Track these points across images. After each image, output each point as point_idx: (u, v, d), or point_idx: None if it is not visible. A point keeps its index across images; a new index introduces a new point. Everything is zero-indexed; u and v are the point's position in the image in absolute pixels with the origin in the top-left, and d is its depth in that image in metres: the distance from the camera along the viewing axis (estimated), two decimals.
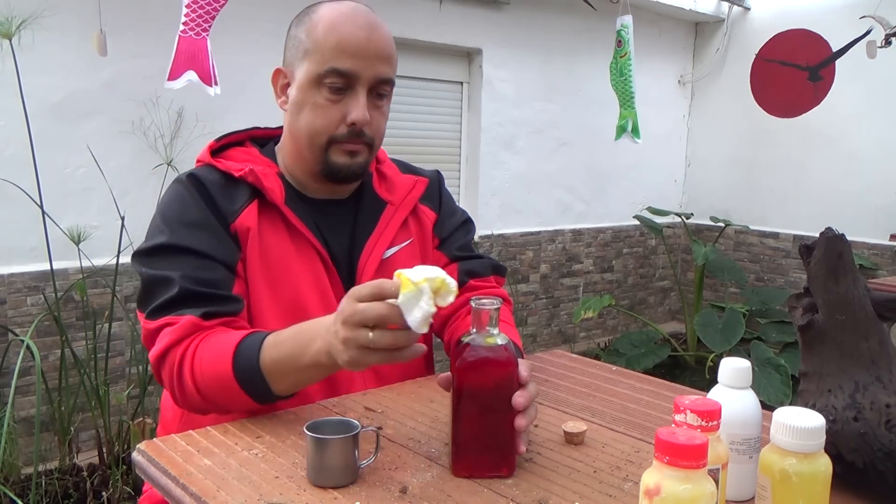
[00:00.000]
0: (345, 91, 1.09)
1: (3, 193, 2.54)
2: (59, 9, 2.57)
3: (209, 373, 0.97)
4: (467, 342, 0.83)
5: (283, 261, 1.11)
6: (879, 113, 4.20)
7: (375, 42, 1.10)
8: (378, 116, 1.14)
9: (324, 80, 1.09)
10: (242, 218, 1.09)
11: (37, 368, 2.27)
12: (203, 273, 1.03)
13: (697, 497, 0.57)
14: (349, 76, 1.08)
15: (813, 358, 0.83)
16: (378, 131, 1.15)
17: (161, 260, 1.04)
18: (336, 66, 1.07)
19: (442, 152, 4.01)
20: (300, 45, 1.12)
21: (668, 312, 5.37)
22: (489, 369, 0.82)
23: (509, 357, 0.83)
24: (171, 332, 1.00)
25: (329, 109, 1.10)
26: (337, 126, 1.10)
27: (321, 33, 1.09)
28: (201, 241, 1.05)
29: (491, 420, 0.83)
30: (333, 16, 1.10)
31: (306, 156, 1.14)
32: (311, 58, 1.10)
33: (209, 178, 1.11)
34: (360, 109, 1.09)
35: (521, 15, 4.08)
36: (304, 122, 1.12)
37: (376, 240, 1.19)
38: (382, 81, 1.12)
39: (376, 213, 1.21)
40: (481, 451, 0.83)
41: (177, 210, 1.08)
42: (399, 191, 1.25)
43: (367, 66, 1.09)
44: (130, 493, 2.43)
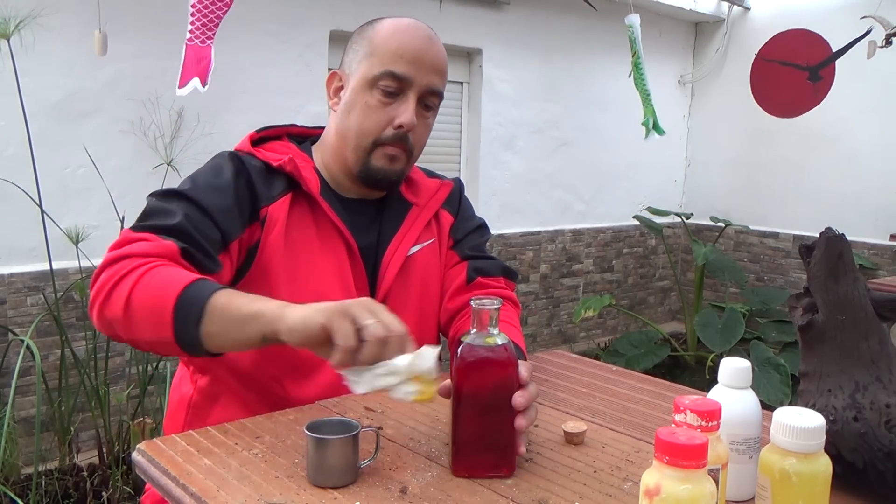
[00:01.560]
0: (397, 96, 1.13)
1: (3, 193, 2.54)
2: (59, 9, 2.57)
3: (154, 288, 0.91)
4: (467, 342, 0.83)
5: (307, 252, 1.13)
6: (879, 113, 4.20)
7: (433, 54, 1.16)
8: (423, 126, 1.18)
9: (378, 83, 1.12)
10: (277, 206, 1.11)
11: (37, 368, 2.27)
12: (201, 226, 1.04)
13: (697, 497, 0.57)
14: (403, 81, 1.12)
15: (813, 358, 0.83)
16: (420, 141, 1.18)
17: (172, 201, 1.06)
18: (392, 70, 1.12)
19: (442, 152, 4.01)
20: (360, 49, 1.16)
21: (668, 312, 5.37)
22: (489, 369, 0.82)
23: (509, 357, 0.83)
24: (146, 246, 0.97)
25: (379, 111, 1.13)
26: (384, 128, 1.13)
27: (382, 38, 1.14)
28: (214, 203, 1.06)
29: (491, 420, 0.83)
30: (397, 25, 1.16)
31: (348, 156, 1.16)
32: (369, 60, 1.14)
33: (250, 163, 1.14)
34: (409, 113, 1.13)
35: (521, 15, 4.08)
36: (354, 121, 1.15)
37: (402, 237, 1.22)
38: (433, 93, 1.16)
39: (402, 214, 1.25)
40: (481, 451, 0.83)
41: (209, 174, 1.11)
42: (424, 193, 1.29)
43: (422, 75, 1.13)
44: (130, 493, 2.43)
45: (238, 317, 0.88)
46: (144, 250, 0.97)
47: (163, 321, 0.89)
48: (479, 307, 0.83)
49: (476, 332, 0.83)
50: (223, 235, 1.06)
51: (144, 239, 0.99)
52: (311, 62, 3.29)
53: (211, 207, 1.05)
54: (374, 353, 0.80)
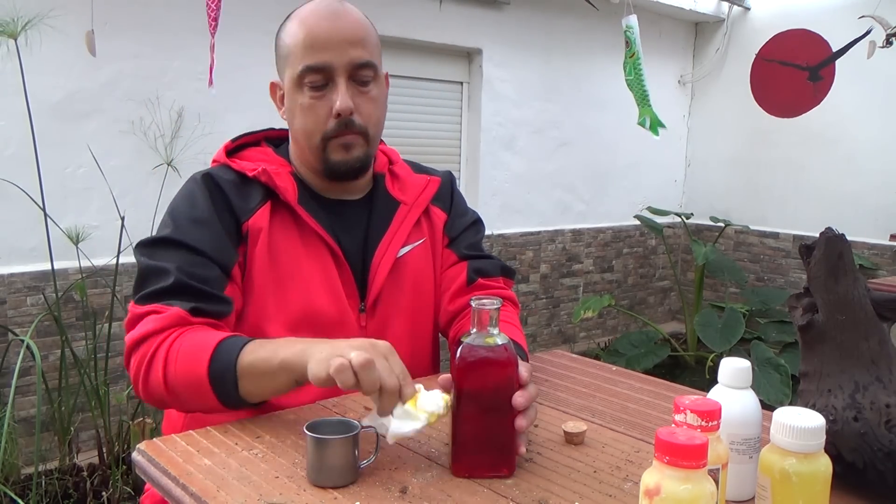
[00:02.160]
0: (325, 86, 1.10)
1: (4, 193, 2.54)
2: (59, 9, 2.57)
3: (183, 363, 0.97)
4: (467, 342, 0.83)
5: (292, 261, 1.12)
6: (879, 113, 4.20)
7: (342, 28, 1.09)
8: (366, 102, 1.12)
9: (303, 81, 1.10)
10: (256, 217, 1.10)
11: (37, 368, 2.27)
12: (197, 269, 1.04)
13: (697, 497, 0.57)
14: (323, 69, 1.09)
15: (813, 358, 0.83)
16: (370, 118, 1.13)
17: (161, 252, 1.05)
18: (308, 64, 1.08)
19: (442, 152, 4.01)
20: (280, 54, 1.15)
21: (668, 312, 5.37)
22: (489, 369, 0.82)
23: (509, 357, 0.83)
24: (156, 320, 1.00)
25: (315, 108, 1.11)
26: (326, 122, 1.11)
27: (291, 36, 1.11)
28: (202, 238, 1.06)
29: (491, 420, 0.83)
30: (300, 15, 1.12)
31: (310, 158, 1.15)
32: (288, 62, 1.12)
33: (224, 178, 1.12)
34: (342, 98, 1.09)
35: (521, 15, 4.08)
36: (298, 126, 1.13)
37: (390, 239, 1.20)
38: (360, 66, 1.10)
39: (390, 213, 1.22)
40: (481, 451, 0.83)
41: (185, 206, 1.10)
42: (412, 191, 1.26)
43: (339, 55, 1.08)
44: (130, 493, 2.43)
45: (268, 371, 0.94)
46: (157, 327, 1.00)
47: (205, 393, 0.96)
48: (479, 307, 0.83)
49: (476, 333, 0.83)
50: (221, 267, 1.06)
51: (153, 311, 1.01)
52: None
53: (200, 245, 1.05)
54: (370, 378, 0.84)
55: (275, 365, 0.93)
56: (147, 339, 1.00)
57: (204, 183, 1.11)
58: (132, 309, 1.04)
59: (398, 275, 1.20)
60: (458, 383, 0.83)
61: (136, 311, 1.03)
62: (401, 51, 3.69)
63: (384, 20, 3.50)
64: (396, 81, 3.72)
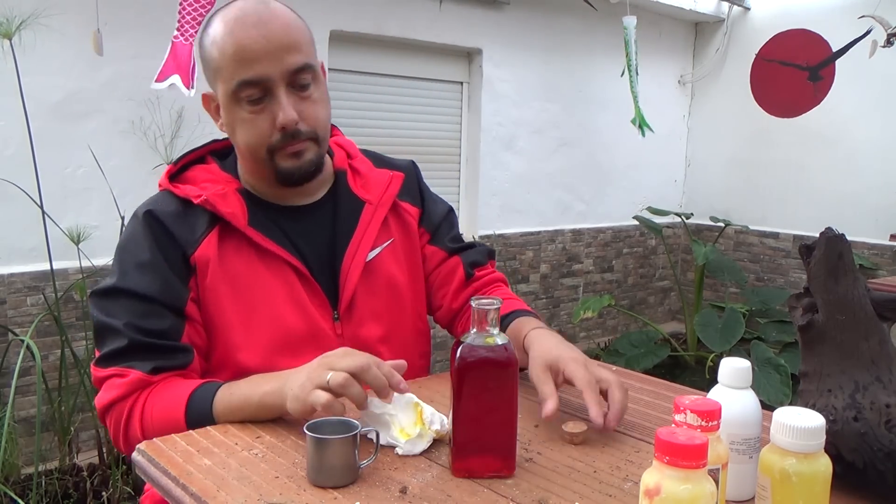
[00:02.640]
0: (264, 98, 1.05)
1: (4, 193, 2.54)
2: (59, 9, 2.57)
3: (160, 422, 0.98)
4: (467, 342, 0.83)
5: (254, 285, 1.08)
6: (879, 113, 4.20)
7: (273, 35, 1.03)
8: (310, 107, 1.08)
9: (239, 96, 1.04)
10: (203, 248, 1.06)
11: (37, 368, 2.27)
12: (150, 322, 1.02)
13: (697, 497, 0.57)
14: (260, 82, 1.03)
15: (813, 358, 0.83)
16: (317, 122, 1.09)
17: (111, 304, 1.03)
18: (242, 79, 1.03)
19: (442, 152, 4.01)
20: (208, 67, 1.08)
21: (668, 312, 5.37)
22: (489, 369, 0.82)
23: (509, 357, 0.83)
24: (119, 386, 1.00)
25: (256, 121, 1.05)
26: (270, 135, 1.06)
27: (219, 49, 1.04)
28: (150, 283, 1.03)
29: (491, 420, 0.83)
30: (225, 24, 1.04)
31: (258, 169, 1.11)
32: (220, 77, 1.06)
33: (166, 211, 1.08)
34: (284, 111, 1.04)
35: (521, 15, 4.08)
36: (241, 140, 1.09)
37: (358, 241, 1.16)
38: (298, 71, 1.05)
39: (355, 214, 1.18)
40: (481, 452, 0.83)
41: (130, 250, 1.07)
42: (375, 188, 1.21)
43: (274, 65, 1.03)
44: (130, 493, 2.43)
45: (247, 414, 0.97)
46: (121, 394, 1.00)
47: None
48: (479, 307, 0.83)
49: (476, 333, 0.83)
50: (174, 311, 1.04)
51: (115, 375, 1.01)
52: None
53: (149, 291, 1.03)
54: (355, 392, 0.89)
55: (253, 406, 0.96)
56: (115, 405, 1.01)
57: (145, 221, 1.07)
58: (94, 372, 1.04)
59: (369, 278, 1.16)
60: (458, 383, 0.82)
61: (98, 374, 1.03)
62: (401, 51, 3.69)
63: (384, 20, 3.50)
64: (396, 81, 3.72)
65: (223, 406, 0.97)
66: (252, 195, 1.14)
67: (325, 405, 0.87)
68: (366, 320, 1.16)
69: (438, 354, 3.90)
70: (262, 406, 0.96)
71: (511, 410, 0.83)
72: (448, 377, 0.85)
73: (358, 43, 3.51)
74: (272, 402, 0.95)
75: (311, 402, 0.89)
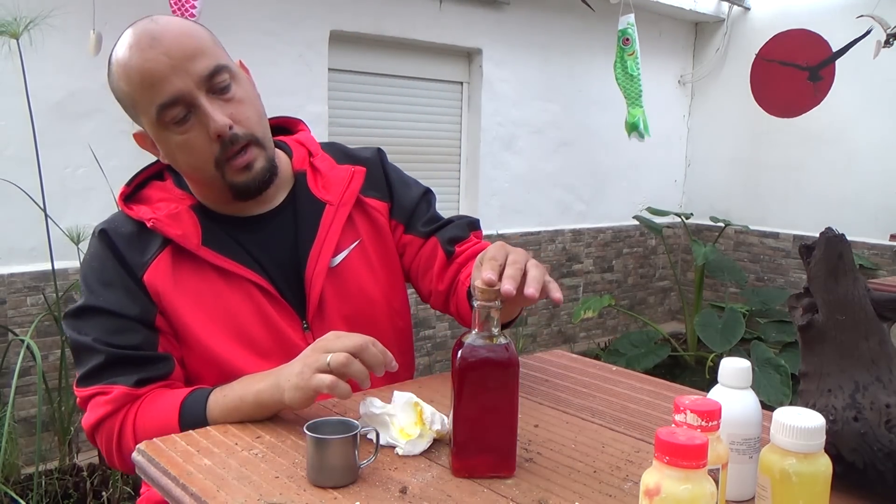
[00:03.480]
0: (190, 115, 1.01)
1: (4, 193, 2.54)
2: (60, 9, 2.57)
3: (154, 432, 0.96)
4: (468, 342, 0.83)
5: (217, 302, 1.06)
6: (879, 113, 4.20)
7: (171, 49, 0.98)
8: (236, 108, 1.03)
9: (165, 121, 1.00)
10: (152, 270, 1.04)
11: (37, 368, 2.27)
12: (124, 337, 1.01)
13: (697, 497, 0.57)
14: (176, 101, 0.99)
15: (813, 358, 0.83)
16: (248, 121, 1.04)
17: (83, 323, 1.02)
18: (158, 103, 0.99)
19: (442, 152, 4.01)
20: (125, 104, 1.06)
21: (668, 312, 5.37)
22: (490, 369, 0.82)
23: (510, 357, 0.83)
24: (105, 403, 0.99)
25: (190, 141, 1.01)
26: (210, 150, 1.02)
27: (126, 82, 1.01)
28: (117, 300, 1.02)
29: (492, 420, 0.83)
30: (122, 57, 1.01)
31: (210, 189, 1.08)
32: (138, 110, 1.03)
33: (119, 231, 1.06)
34: (212, 117, 1.00)
35: (521, 15, 4.08)
36: (183, 164, 1.05)
37: (319, 247, 1.11)
38: (211, 76, 1.00)
39: (316, 217, 1.13)
40: (481, 451, 0.83)
41: (94, 268, 1.05)
42: (335, 187, 1.15)
43: (183, 77, 0.98)
44: (130, 493, 2.43)
45: (244, 412, 0.96)
46: (108, 411, 1.00)
47: None
48: (479, 307, 0.83)
49: (476, 333, 0.83)
50: (146, 324, 1.03)
51: (99, 393, 1.00)
52: (311, 62, 3.29)
53: (118, 308, 1.02)
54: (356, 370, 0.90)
55: (248, 406, 0.95)
56: (104, 422, 1.00)
57: (101, 240, 1.06)
58: (77, 392, 1.03)
59: (337, 283, 1.12)
60: (458, 383, 0.82)
61: (81, 394, 1.02)
62: (401, 51, 3.69)
63: (384, 20, 3.50)
64: (396, 81, 3.72)
65: (217, 409, 0.97)
66: (207, 210, 1.10)
67: (331, 386, 0.88)
68: (338, 326, 1.11)
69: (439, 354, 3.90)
70: (257, 404, 0.95)
71: (512, 411, 0.83)
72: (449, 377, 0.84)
73: (358, 43, 3.51)
74: (268, 399, 0.94)
75: (313, 387, 0.89)
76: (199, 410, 0.97)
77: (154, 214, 1.06)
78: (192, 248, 1.05)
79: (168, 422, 0.97)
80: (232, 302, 1.06)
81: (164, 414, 0.98)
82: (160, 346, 1.04)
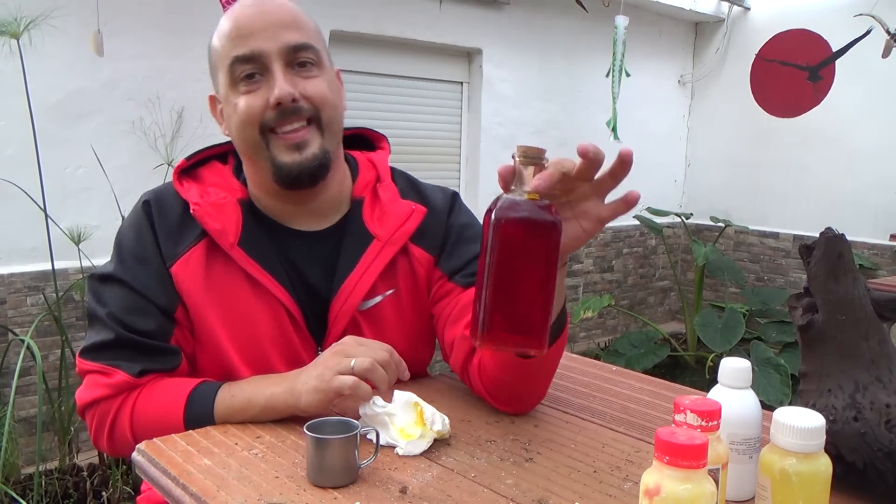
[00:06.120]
0: (260, 77, 0.98)
1: (4, 193, 2.54)
2: (60, 9, 2.57)
3: (155, 422, 0.95)
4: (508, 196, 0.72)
5: (239, 307, 1.02)
6: (879, 113, 4.20)
7: (269, 12, 0.98)
8: (312, 83, 0.99)
9: (235, 76, 0.98)
10: (181, 264, 1.01)
11: (37, 368, 2.27)
12: (138, 319, 0.99)
13: (697, 497, 0.57)
14: (254, 58, 0.97)
15: (813, 358, 0.83)
16: (323, 100, 0.99)
17: (105, 291, 1.00)
18: (236, 54, 0.97)
19: (442, 152, 4.01)
20: (211, 61, 1.04)
21: (668, 312, 5.37)
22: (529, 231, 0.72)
23: (554, 220, 0.72)
24: (103, 386, 0.98)
25: (248, 102, 0.97)
26: (262, 112, 0.97)
27: (218, 36, 1.00)
28: (145, 279, 1.00)
29: (525, 289, 0.73)
30: (226, 14, 1.01)
31: (258, 169, 1.03)
32: (220, 65, 1.00)
33: (163, 209, 1.03)
34: (279, 83, 0.96)
35: (521, 15, 4.08)
36: (233, 127, 1.01)
37: (353, 284, 1.04)
38: (296, 49, 0.98)
39: (359, 250, 1.06)
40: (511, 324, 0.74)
41: (130, 239, 1.03)
42: (390, 222, 1.07)
43: (269, 39, 0.97)
44: (130, 493, 2.43)
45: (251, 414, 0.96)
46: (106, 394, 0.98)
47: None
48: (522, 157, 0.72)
49: (517, 187, 0.73)
50: (164, 312, 1.00)
51: (100, 372, 0.98)
52: None
53: (143, 287, 0.99)
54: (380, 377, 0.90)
55: (257, 409, 0.95)
56: (99, 404, 0.98)
57: (144, 212, 1.03)
58: (78, 361, 1.01)
59: (362, 327, 1.06)
60: (496, 242, 0.71)
61: (82, 366, 1.00)
62: (401, 51, 3.69)
63: (384, 20, 3.50)
64: (396, 81, 3.72)
65: (224, 408, 0.96)
66: (255, 209, 1.06)
67: (353, 387, 0.88)
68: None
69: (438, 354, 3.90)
70: (267, 408, 0.95)
71: (549, 280, 0.74)
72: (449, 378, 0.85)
73: (358, 43, 3.51)
74: (280, 404, 0.94)
75: (335, 388, 0.89)
76: (207, 408, 0.96)
77: (200, 200, 1.02)
78: (225, 247, 1.01)
79: (172, 413, 0.96)
80: (255, 313, 1.02)
81: (168, 405, 0.97)
82: (173, 337, 1.02)
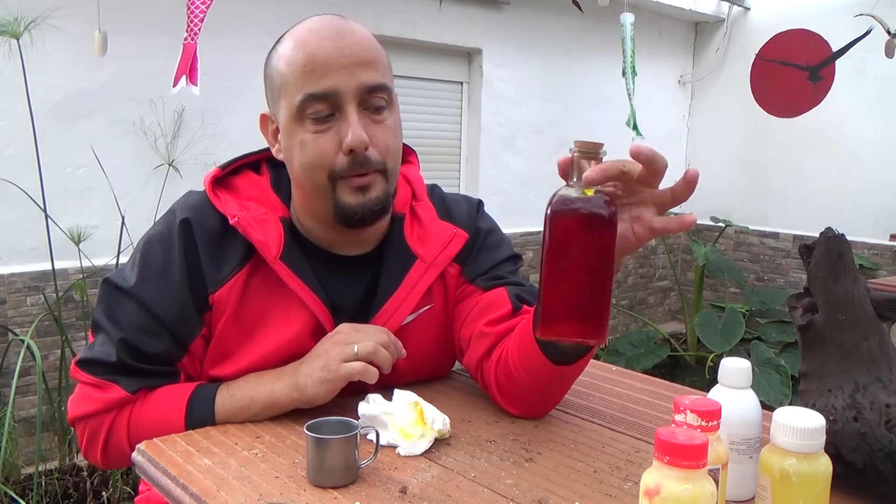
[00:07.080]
0: (332, 117, 0.93)
1: (4, 193, 2.54)
2: (61, 9, 2.57)
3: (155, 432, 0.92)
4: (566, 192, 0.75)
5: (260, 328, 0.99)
6: (879, 113, 4.20)
7: (348, 48, 0.93)
8: (382, 132, 0.96)
9: (304, 113, 0.93)
10: (226, 290, 0.97)
11: (37, 368, 2.27)
12: (150, 341, 0.95)
13: (697, 497, 0.57)
14: (329, 97, 0.92)
15: (813, 358, 0.83)
16: (387, 150, 0.96)
17: (120, 305, 0.96)
18: (310, 91, 0.92)
19: (442, 152, 4.01)
20: (273, 84, 0.98)
21: (668, 312, 5.37)
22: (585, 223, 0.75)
23: (610, 213, 0.75)
24: (97, 401, 0.96)
25: (319, 143, 0.93)
26: (334, 157, 0.93)
27: (287, 60, 0.94)
28: (164, 302, 0.96)
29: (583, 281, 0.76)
30: (296, 37, 0.95)
31: (316, 204, 0.98)
32: (285, 92, 0.95)
33: (205, 227, 0.98)
34: (354, 129, 0.92)
35: (521, 15, 4.08)
36: (298, 164, 0.95)
37: (398, 303, 1.02)
38: (372, 90, 0.94)
39: (402, 270, 1.03)
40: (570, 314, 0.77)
41: (159, 255, 0.97)
42: (433, 244, 1.05)
43: (346, 78, 0.92)
44: (130, 493, 2.43)
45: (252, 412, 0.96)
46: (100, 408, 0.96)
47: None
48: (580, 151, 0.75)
49: (577, 182, 0.75)
50: (178, 340, 0.97)
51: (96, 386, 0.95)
52: None
53: (161, 312, 0.95)
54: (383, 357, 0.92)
55: (258, 406, 0.95)
56: (92, 417, 0.97)
57: (181, 230, 0.97)
58: (73, 369, 0.98)
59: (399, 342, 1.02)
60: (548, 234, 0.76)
61: (76, 375, 0.97)
62: (401, 51, 3.69)
63: (384, 20, 3.50)
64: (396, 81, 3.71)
65: (225, 408, 0.96)
66: (296, 231, 1.02)
67: (362, 371, 0.90)
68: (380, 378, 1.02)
69: None
70: (270, 405, 0.95)
71: (607, 271, 0.76)
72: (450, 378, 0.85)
73: None
74: (284, 398, 0.94)
75: (343, 376, 0.90)
76: (207, 411, 0.96)
77: (240, 213, 0.97)
78: (269, 259, 0.96)
79: (172, 420, 0.96)
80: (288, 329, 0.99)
81: (167, 412, 0.96)
82: (180, 363, 0.99)
